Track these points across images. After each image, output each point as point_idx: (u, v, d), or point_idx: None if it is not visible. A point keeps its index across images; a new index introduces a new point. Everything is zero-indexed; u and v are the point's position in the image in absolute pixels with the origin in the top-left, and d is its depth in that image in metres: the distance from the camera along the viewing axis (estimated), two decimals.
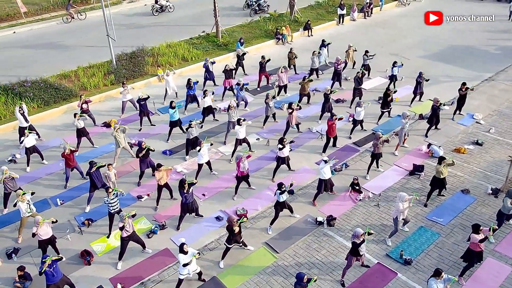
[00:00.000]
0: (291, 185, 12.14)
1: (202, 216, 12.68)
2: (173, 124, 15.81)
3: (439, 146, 15.18)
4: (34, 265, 11.14)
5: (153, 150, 13.90)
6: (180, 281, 10.26)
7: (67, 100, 18.50)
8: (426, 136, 16.05)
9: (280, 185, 11.70)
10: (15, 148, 15.74)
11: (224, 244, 11.07)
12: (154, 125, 17.08)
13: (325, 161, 12.70)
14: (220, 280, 10.72)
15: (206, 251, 11.61)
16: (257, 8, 28.71)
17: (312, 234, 12.02)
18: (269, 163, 14.85)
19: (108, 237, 12.05)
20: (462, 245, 11.31)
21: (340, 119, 15.07)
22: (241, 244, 11.20)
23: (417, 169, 14.19)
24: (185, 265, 9.93)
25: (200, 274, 10.55)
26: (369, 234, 10.30)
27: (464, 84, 16.71)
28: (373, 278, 10.61)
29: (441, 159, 12.54)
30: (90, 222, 12.51)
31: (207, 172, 14.27)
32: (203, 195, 13.50)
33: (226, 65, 18.74)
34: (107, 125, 16.97)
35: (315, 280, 9.38)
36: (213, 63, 19.49)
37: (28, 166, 14.67)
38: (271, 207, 12.78)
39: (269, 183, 13.98)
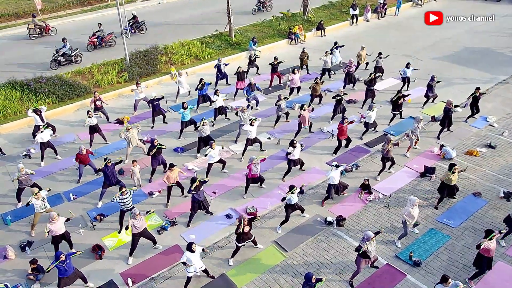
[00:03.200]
0: (301, 188, 12.14)
1: (212, 213, 12.78)
2: (185, 124, 15.93)
3: (453, 148, 15.08)
4: (47, 258, 11.34)
5: (165, 148, 14.03)
6: (188, 279, 10.33)
7: (81, 97, 18.74)
8: (438, 138, 15.96)
9: (291, 187, 11.72)
10: (30, 144, 15.99)
11: (234, 242, 11.14)
12: (167, 123, 17.21)
13: (336, 166, 12.69)
14: (229, 277, 10.80)
15: (215, 248, 11.70)
16: (61, 58, 21.22)
17: (322, 234, 12.04)
18: (279, 162, 14.89)
19: (119, 232, 12.20)
20: (473, 248, 11.21)
21: (351, 122, 15.06)
22: (250, 241, 11.23)
23: (428, 171, 14.12)
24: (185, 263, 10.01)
25: (206, 271, 10.63)
26: (377, 233, 10.27)
27: (478, 88, 16.57)
28: (382, 279, 10.60)
29: (451, 166, 12.42)
30: (102, 217, 12.68)
31: (218, 170, 14.38)
32: (214, 193, 13.60)
33: (239, 67, 18.81)
34: (120, 122, 17.15)
35: (322, 280, 9.40)
36: (226, 64, 19.62)
37: (42, 161, 14.91)
38: (281, 206, 12.82)
39: (279, 183, 14.02)
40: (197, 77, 18.46)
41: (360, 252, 10.07)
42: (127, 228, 11.20)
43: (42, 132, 14.53)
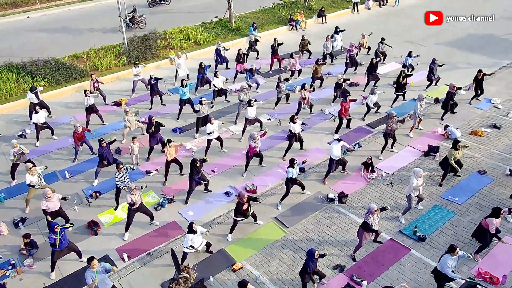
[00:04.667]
0: (304, 162, 11.82)
1: (211, 191, 12.47)
2: (183, 102, 15.65)
3: (457, 128, 14.76)
4: (41, 235, 11.05)
5: (163, 126, 13.74)
6: (185, 254, 9.98)
7: (78, 80, 18.45)
8: (442, 119, 15.65)
9: (292, 161, 11.41)
10: (25, 124, 15.71)
11: (233, 218, 10.82)
12: (165, 105, 16.92)
13: (338, 140, 12.41)
14: (228, 252, 10.49)
15: (214, 224, 11.39)
16: None
17: (323, 211, 11.73)
18: (280, 142, 14.59)
19: (115, 209, 11.90)
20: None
21: (354, 100, 14.78)
22: (250, 216, 10.91)
23: (432, 150, 13.81)
24: (192, 246, 9.75)
25: (208, 245, 10.31)
26: (383, 209, 9.94)
27: (480, 71, 16.28)
28: (386, 254, 10.28)
29: (455, 143, 12.14)
30: (97, 195, 12.38)
31: (216, 149, 14.09)
32: (212, 171, 13.29)
33: (240, 49, 18.52)
34: (117, 104, 16.87)
35: (325, 255, 9.12)
36: (226, 49, 19.33)
37: (37, 140, 14.60)
38: (281, 184, 12.51)
39: (279, 161, 13.72)
40: (196, 62, 18.15)
41: (363, 224, 9.79)
42: None
43: (37, 113, 14.24)
